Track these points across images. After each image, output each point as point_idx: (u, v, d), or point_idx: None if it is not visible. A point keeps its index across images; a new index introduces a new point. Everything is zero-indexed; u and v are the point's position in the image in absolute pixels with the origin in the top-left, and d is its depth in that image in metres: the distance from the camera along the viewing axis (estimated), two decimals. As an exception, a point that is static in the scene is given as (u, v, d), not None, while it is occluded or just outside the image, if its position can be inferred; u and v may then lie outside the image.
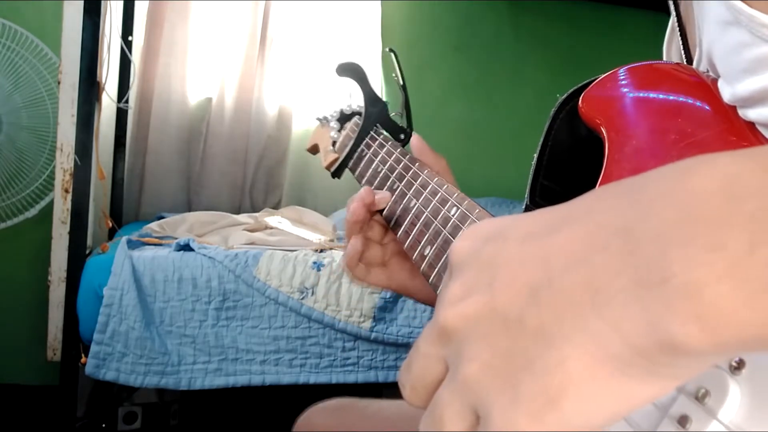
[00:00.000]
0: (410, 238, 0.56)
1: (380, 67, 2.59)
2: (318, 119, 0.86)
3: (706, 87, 0.41)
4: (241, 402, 2.00)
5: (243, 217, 2.12)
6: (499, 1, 2.74)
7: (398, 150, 0.65)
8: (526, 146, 0.99)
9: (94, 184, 1.75)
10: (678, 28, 0.52)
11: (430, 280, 0.52)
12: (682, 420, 0.29)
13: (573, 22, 2.75)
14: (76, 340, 1.60)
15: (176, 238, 1.81)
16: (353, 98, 0.80)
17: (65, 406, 1.62)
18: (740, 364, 0.28)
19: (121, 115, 2.28)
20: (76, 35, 1.64)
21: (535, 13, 2.76)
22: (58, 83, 1.68)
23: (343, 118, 0.79)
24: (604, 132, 0.43)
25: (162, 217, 2.13)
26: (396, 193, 0.61)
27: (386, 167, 0.65)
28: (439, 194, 0.54)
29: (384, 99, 0.73)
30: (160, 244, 1.81)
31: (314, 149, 0.87)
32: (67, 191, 1.68)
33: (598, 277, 0.23)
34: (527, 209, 0.47)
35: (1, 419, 2.03)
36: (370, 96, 0.74)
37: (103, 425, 1.80)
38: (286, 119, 2.49)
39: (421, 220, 0.54)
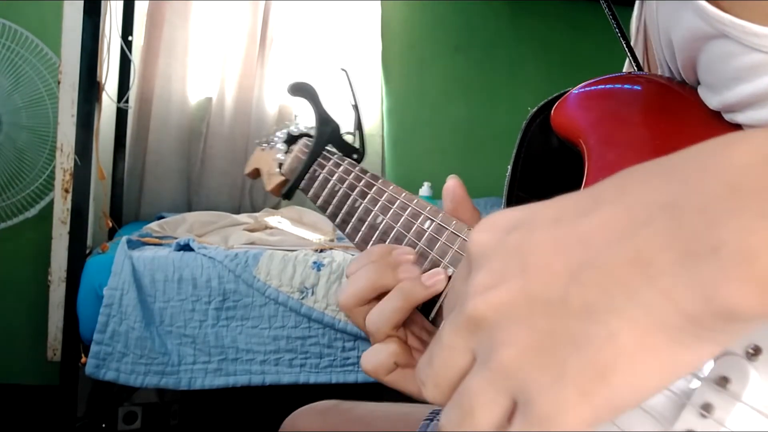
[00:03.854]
0: None
1: (380, 67, 2.59)
2: (257, 143, 0.85)
3: (678, 93, 0.42)
4: (241, 402, 2.00)
5: (243, 217, 2.12)
6: (499, 1, 2.74)
7: (357, 168, 0.63)
8: (526, 146, 0.99)
9: (94, 184, 1.76)
10: (621, 37, 0.53)
11: None
12: (706, 407, 0.29)
13: (573, 22, 2.75)
14: (76, 340, 1.60)
15: (176, 238, 1.81)
16: (300, 119, 0.80)
17: (65, 406, 1.62)
18: (756, 351, 0.28)
19: (121, 115, 2.28)
20: (76, 35, 1.64)
21: (535, 13, 2.76)
22: (58, 83, 1.68)
23: (291, 140, 0.79)
24: (582, 142, 0.44)
25: (162, 217, 2.13)
26: (359, 210, 0.58)
27: (345, 185, 0.62)
28: (409, 209, 0.51)
29: (384, 99, 0.72)
30: (160, 244, 1.81)
31: (254, 174, 0.86)
32: (67, 191, 1.68)
33: (647, 250, 0.24)
34: None
35: (1, 419, 2.03)
36: (322, 116, 0.74)
37: (103, 425, 1.80)
38: (286, 119, 2.49)
39: (390, 236, 0.52)
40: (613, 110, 0.44)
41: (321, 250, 1.77)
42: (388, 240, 0.52)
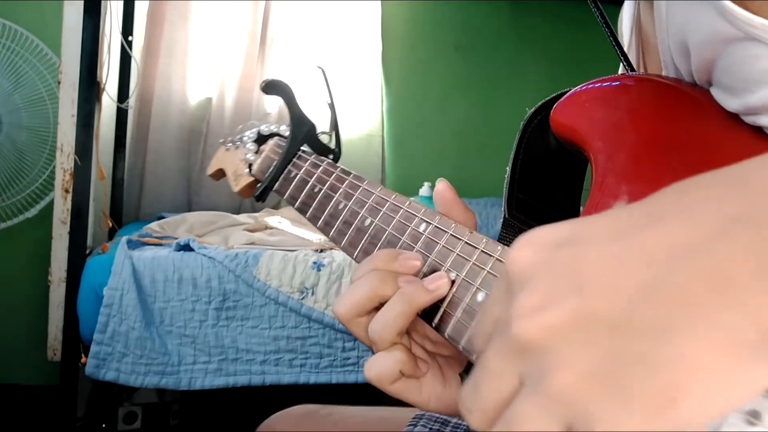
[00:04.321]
0: None
1: (380, 67, 2.59)
2: (221, 143, 0.83)
3: (689, 94, 0.41)
4: (241, 402, 2.00)
5: (243, 217, 2.12)
6: (499, 1, 2.74)
7: (338, 169, 0.60)
8: (526, 146, 0.99)
9: (94, 184, 1.76)
10: (611, 37, 0.52)
11: None
12: (754, 414, 0.28)
13: (573, 21, 2.75)
14: (76, 340, 1.60)
15: (176, 238, 1.81)
16: (269, 118, 0.78)
17: (65, 406, 1.62)
18: None
19: (121, 115, 2.28)
20: (76, 35, 1.64)
21: (535, 13, 2.76)
22: (58, 83, 1.68)
23: (261, 140, 0.76)
24: (586, 144, 0.43)
25: (162, 217, 2.13)
26: (344, 213, 0.55)
27: (326, 187, 0.60)
28: (402, 211, 0.49)
29: (384, 99, 0.72)
30: (160, 244, 1.81)
31: (218, 175, 0.83)
32: (67, 191, 1.68)
33: (721, 265, 0.23)
34: (506, 223, 0.45)
35: (1, 419, 2.03)
36: (297, 115, 0.71)
37: (103, 425, 1.80)
38: (286, 119, 2.48)
39: (382, 240, 0.49)
40: (620, 110, 0.43)
41: (321, 250, 1.77)
42: (379, 243, 0.49)
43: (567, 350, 0.24)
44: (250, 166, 0.75)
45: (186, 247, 1.71)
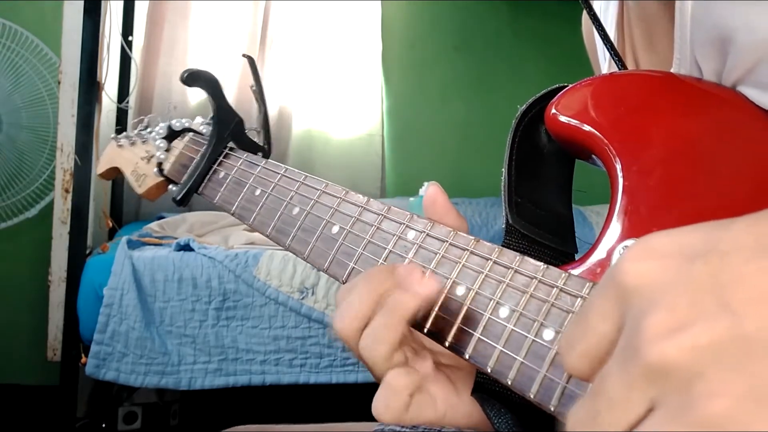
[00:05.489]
0: (347, 273, 0.45)
1: (380, 67, 2.59)
2: (113, 138, 0.75)
3: (712, 93, 0.40)
4: (241, 402, 2.00)
5: (243, 217, 2.12)
6: (499, 1, 2.74)
7: (283, 169, 0.54)
8: (526, 146, 0.98)
9: (94, 184, 1.76)
10: (602, 34, 0.51)
11: None
12: None
13: (573, 22, 2.74)
14: (76, 340, 1.60)
15: (176, 238, 1.81)
16: (177, 111, 0.72)
17: (65, 406, 1.62)
18: None
19: (121, 115, 2.28)
20: (76, 35, 1.64)
21: (535, 13, 2.76)
22: (58, 83, 1.69)
23: (171, 136, 0.68)
24: (601, 143, 0.40)
25: (162, 217, 2.13)
26: (302, 219, 0.49)
27: (272, 190, 0.53)
28: (379, 217, 0.44)
29: (384, 99, 0.68)
30: (160, 244, 1.81)
31: (109, 174, 0.75)
32: (67, 191, 1.68)
33: None
34: (509, 228, 0.42)
35: (1, 419, 2.03)
36: (223, 109, 0.64)
37: (103, 425, 1.80)
38: (286, 119, 2.49)
39: (359, 249, 0.45)
40: (637, 107, 0.40)
41: (321, 250, 1.77)
42: (356, 255, 0.45)
43: (720, 374, 0.22)
44: (159, 165, 0.67)
45: (186, 247, 1.71)
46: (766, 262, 0.23)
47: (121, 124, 2.29)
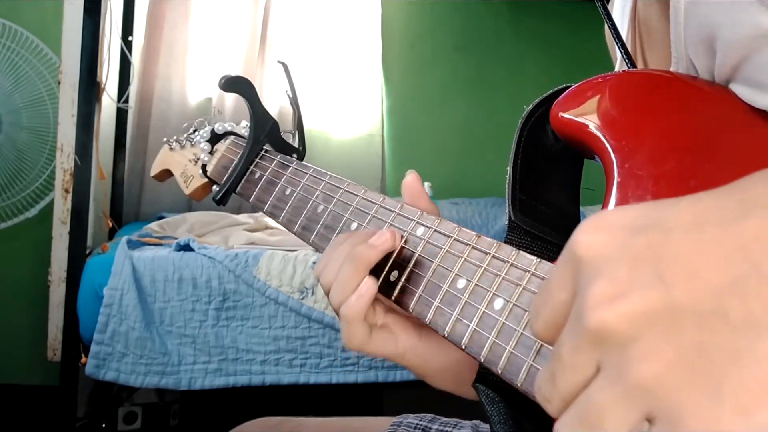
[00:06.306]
0: None
1: (380, 67, 2.59)
2: (165, 142, 0.78)
3: (707, 91, 0.41)
4: (241, 402, 2.00)
5: (243, 217, 2.12)
6: (499, 1, 2.74)
7: (311, 170, 0.57)
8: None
9: (94, 184, 1.76)
10: (614, 33, 0.52)
11: (411, 308, 0.44)
12: None
13: (573, 21, 2.74)
14: (76, 340, 1.60)
15: (176, 238, 1.81)
16: (221, 115, 0.75)
17: (65, 406, 1.62)
18: None
19: (121, 115, 2.28)
20: (76, 35, 1.64)
21: (535, 13, 2.76)
22: (58, 83, 1.69)
23: (215, 139, 0.71)
24: (599, 141, 0.41)
25: (162, 217, 2.13)
26: (325, 216, 0.52)
27: (300, 189, 0.56)
28: (393, 214, 0.47)
29: (384, 99, 0.69)
30: (160, 244, 1.81)
31: (163, 176, 0.79)
32: (67, 191, 1.68)
33: None
34: (511, 224, 0.44)
35: (1, 419, 2.03)
36: (259, 113, 0.67)
37: (103, 425, 1.80)
38: (286, 119, 2.48)
39: None
40: (635, 106, 0.41)
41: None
42: None
43: (651, 340, 0.23)
44: (204, 167, 0.71)
45: (186, 247, 1.71)
46: (699, 236, 0.24)
47: (120, 124, 2.30)
